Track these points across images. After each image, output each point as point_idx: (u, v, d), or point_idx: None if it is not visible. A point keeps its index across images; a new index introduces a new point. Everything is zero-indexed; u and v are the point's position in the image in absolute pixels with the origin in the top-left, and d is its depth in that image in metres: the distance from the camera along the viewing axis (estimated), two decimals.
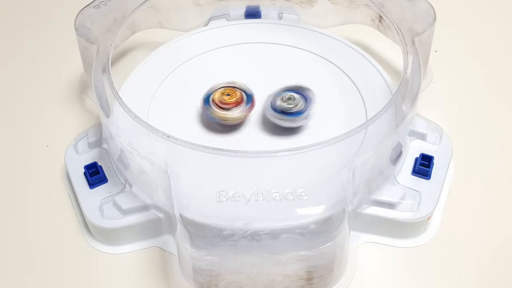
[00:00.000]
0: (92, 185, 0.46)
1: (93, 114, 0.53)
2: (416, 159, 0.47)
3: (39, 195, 0.48)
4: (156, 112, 0.48)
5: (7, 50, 0.59)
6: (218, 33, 0.54)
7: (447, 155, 0.47)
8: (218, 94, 0.46)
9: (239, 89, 0.47)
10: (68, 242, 0.46)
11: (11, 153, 0.51)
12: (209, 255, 0.40)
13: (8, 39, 0.60)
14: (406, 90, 0.45)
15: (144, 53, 0.55)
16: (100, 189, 0.46)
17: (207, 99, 0.46)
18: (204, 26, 0.55)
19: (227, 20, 0.55)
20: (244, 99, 0.46)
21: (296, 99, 0.46)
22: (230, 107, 0.46)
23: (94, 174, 0.46)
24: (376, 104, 0.47)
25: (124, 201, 0.44)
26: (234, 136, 0.46)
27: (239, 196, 0.41)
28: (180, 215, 0.40)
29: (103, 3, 0.51)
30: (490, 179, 0.49)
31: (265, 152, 0.41)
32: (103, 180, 0.46)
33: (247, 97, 0.46)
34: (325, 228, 0.40)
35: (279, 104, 0.46)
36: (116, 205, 0.44)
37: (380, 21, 0.53)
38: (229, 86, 0.47)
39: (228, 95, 0.46)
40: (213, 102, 0.46)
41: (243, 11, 0.56)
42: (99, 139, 0.48)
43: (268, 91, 0.47)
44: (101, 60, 0.47)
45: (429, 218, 0.45)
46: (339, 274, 0.43)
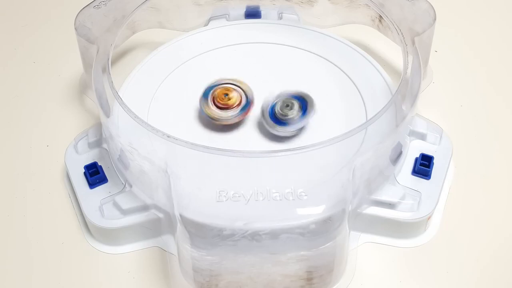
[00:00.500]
0: (92, 185, 0.46)
1: (93, 114, 0.53)
2: (416, 159, 0.47)
3: (39, 195, 0.48)
4: (156, 112, 0.48)
5: (7, 50, 0.59)
6: (218, 33, 0.54)
7: (447, 155, 0.47)
8: (219, 91, 0.46)
9: (243, 91, 0.46)
10: (68, 242, 0.46)
11: (11, 153, 0.51)
12: (209, 255, 0.40)
13: (8, 39, 0.60)
14: (406, 90, 0.45)
15: (144, 53, 0.55)
16: (100, 189, 0.46)
17: (207, 93, 0.46)
18: (204, 26, 0.55)
19: (227, 20, 0.55)
20: (242, 104, 0.46)
21: (294, 109, 0.45)
22: (224, 108, 0.46)
23: (94, 174, 0.46)
24: (376, 104, 0.47)
25: (124, 201, 0.44)
26: (234, 136, 0.46)
27: (239, 196, 0.41)
28: (180, 215, 0.40)
29: (103, 3, 0.51)
30: (490, 179, 0.49)
31: (265, 152, 0.41)
32: (103, 180, 0.46)
33: (246, 102, 0.46)
34: (325, 228, 0.40)
35: (276, 111, 0.45)
36: (116, 205, 0.44)
37: (380, 21, 0.53)
38: (234, 84, 0.47)
39: (226, 95, 0.46)
40: (211, 97, 0.46)
41: (243, 11, 0.56)
42: (99, 139, 0.48)
43: (268, 91, 0.46)
44: (101, 60, 0.47)
45: (429, 218, 0.45)
46: (339, 274, 0.43)
